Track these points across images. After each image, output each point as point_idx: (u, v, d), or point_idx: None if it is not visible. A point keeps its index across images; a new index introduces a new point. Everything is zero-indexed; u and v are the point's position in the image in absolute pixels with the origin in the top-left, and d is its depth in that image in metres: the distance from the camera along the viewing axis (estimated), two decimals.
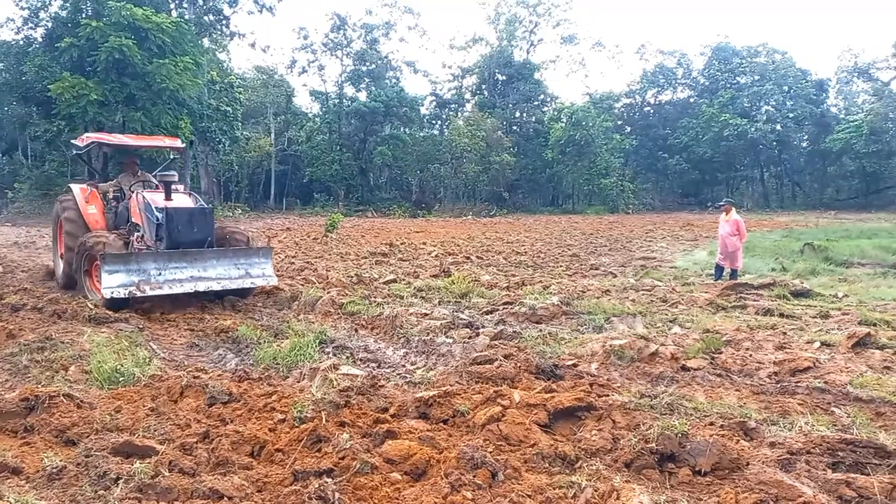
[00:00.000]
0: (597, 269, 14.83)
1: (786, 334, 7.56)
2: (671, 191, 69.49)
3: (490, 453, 3.72)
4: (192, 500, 3.28)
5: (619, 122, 69.00)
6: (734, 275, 12.33)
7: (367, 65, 57.74)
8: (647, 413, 4.53)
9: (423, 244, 21.66)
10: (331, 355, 6.59)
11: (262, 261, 9.25)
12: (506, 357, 5.99)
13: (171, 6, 37.26)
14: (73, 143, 10.77)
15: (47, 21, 34.13)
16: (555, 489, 3.41)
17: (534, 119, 64.21)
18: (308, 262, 15.03)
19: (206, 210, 9.35)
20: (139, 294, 7.99)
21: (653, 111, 72.37)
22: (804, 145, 66.56)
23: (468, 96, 66.79)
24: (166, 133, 28.37)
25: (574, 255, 18.20)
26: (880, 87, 59.79)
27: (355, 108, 54.02)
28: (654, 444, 3.78)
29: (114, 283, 7.87)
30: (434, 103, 66.10)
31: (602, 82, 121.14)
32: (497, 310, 8.88)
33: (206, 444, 3.96)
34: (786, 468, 3.67)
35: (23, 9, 33.78)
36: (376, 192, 57.50)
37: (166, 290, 8.23)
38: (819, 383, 5.44)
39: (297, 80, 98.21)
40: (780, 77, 61.45)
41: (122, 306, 8.22)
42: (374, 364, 6.42)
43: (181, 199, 9.57)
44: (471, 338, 7.16)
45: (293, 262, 15.00)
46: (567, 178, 59.27)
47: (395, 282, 11.66)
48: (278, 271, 11.22)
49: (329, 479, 3.42)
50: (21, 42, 34.19)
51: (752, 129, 57.84)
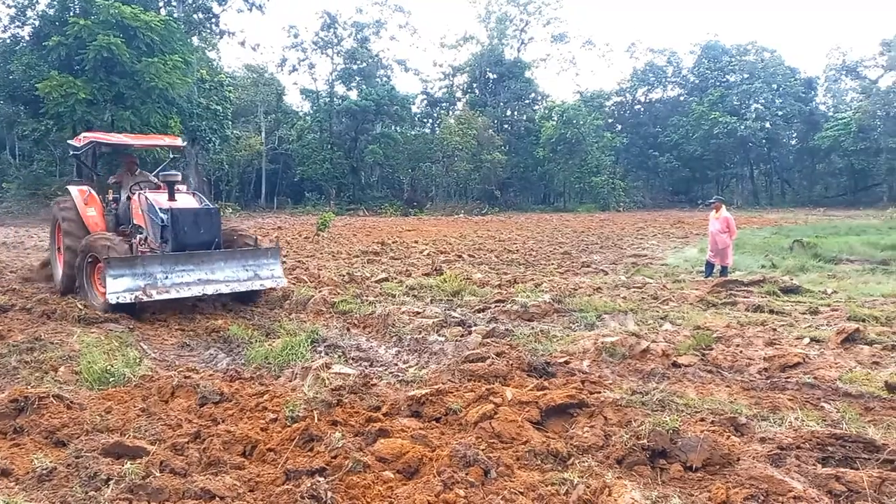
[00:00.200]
0: (588, 266, 14.87)
1: (776, 330, 7.62)
2: (662, 188, 69.74)
3: (482, 451, 3.72)
4: (184, 500, 3.27)
5: (610, 121, 69.24)
6: (724, 272, 12.40)
7: (358, 63, 57.60)
8: (638, 409, 4.55)
9: (415, 243, 21.64)
10: (323, 354, 6.58)
11: (270, 261, 8.93)
12: (498, 355, 6.00)
13: (160, 4, 37.01)
14: (70, 143, 10.25)
15: (34, 19, 33.84)
16: (547, 486, 3.42)
17: (525, 117, 64.27)
18: (299, 262, 14.99)
19: (212, 210, 9.02)
20: (145, 299, 7.65)
21: (643, 109, 72.62)
22: (793, 143, 67.01)
23: (459, 95, 66.78)
24: (156, 132, 28.19)
25: (565, 253, 18.24)
26: (868, 84, 60.20)
27: (346, 107, 53.89)
28: (645, 441, 3.80)
29: (119, 287, 7.57)
30: (425, 102, 66.06)
31: (593, 81, 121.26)
32: (489, 308, 8.90)
33: (198, 444, 3.95)
34: (776, 463, 3.70)
35: (9, 7, 33.51)
36: (368, 190, 57.38)
37: (173, 294, 7.90)
38: (809, 379, 5.49)
39: (288, 79, 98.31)
40: (769, 75, 61.81)
41: (127, 311, 7.89)
42: (366, 363, 6.42)
43: (185, 199, 9.25)
44: (463, 336, 7.18)
45: (285, 262, 14.87)
46: (558, 177, 59.43)
47: (386, 280, 11.66)
48: None
49: (321, 479, 3.42)
50: (8, 40, 33.86)
51: (742, 127, 58.16)
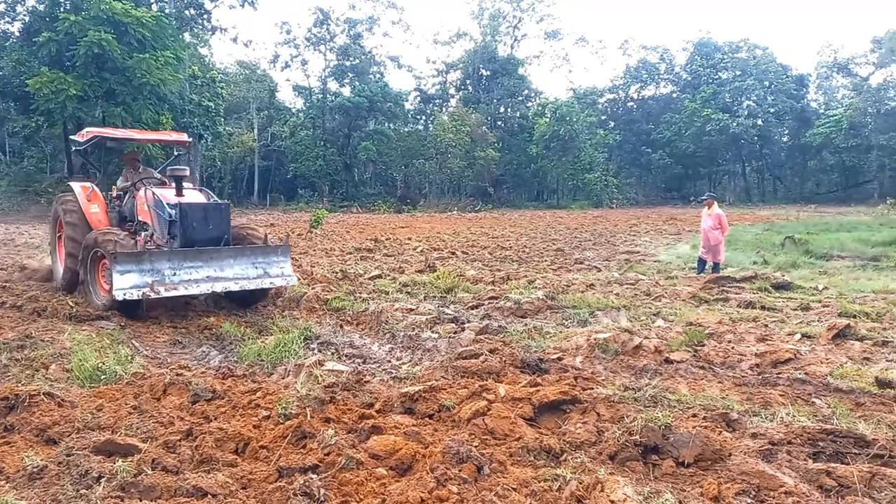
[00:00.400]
0: (581, 263, 14.90)
1: (767, 326, 7.66)
2: (654, 185, 69.99)
3: (475, 447, 3.72)
4: (176, 498, 3.26)
5: (603, 118, 69.38)
6: (716, 268, 12.45)
7: (351, 60, 57.47)
8: (630, 405, 4.56)
9: (409, 239, 21.62)
10: (316, 351, 6.57)
11: (280, 259, 8.68)
12: (491, 351, 6.01)
13: (151, 0, 36.76)
14: (73, 138, 9.98)
15: (24, 15, 33.54)
16: (540, 482, 3.43)
17: (518, 114, 64.31)
18: (292, 259, 14.91)
19: (221, 206, 8.76)
20: (153, 296, 7.37)
21: (636, 106, 72.81)
22: (785, 140, 67.34)
23: (452, 91, 66.79)
24: (148, 129, 28.02)
25: (559, 250, 18.27)
26: (859, 82, 60.56)
27: (339, 104, 53.76)
28: (637, 437, 3.81)
29: (126, 284, 7.26)
30: (418, 98, 66.02)
31: (586, 77, 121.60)
32: (482, 304, 8.90)
33: (190, 442, 3.93)
34: (767, 459, 3.72)
35: None
36: (361, 187, 57.31)
37: (181, 290, 7.64)
38: (800, 374, 5.52)
39: (280, 75, 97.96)
40: (761, 72, 62.08)
41: (133, 309, 7.70)
42: (359, 360, 6.41)
43: (193, 194, 9.02)
44: (456, 333, 7.18)
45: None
46: (551, 173, 59.52)
47: (380, 277, 11.65)
48: None
49: (314, 476, 3.41)
50: None
51: (734, 124, 58.42)
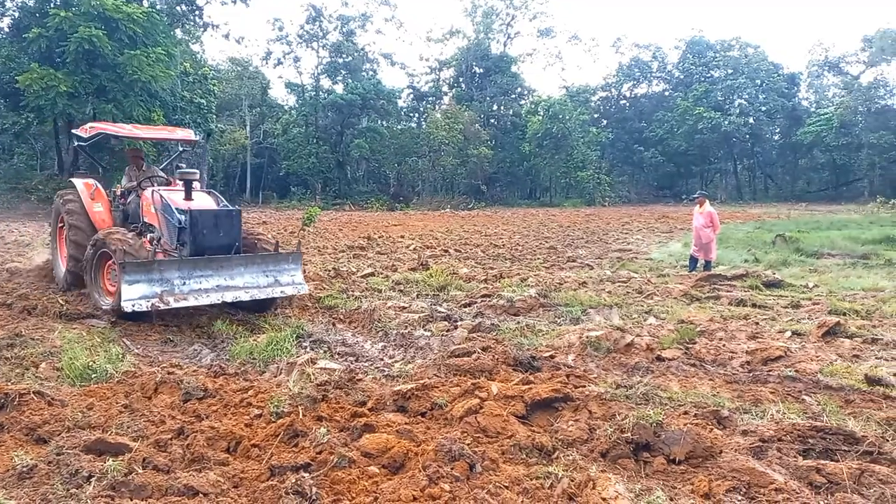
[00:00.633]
0: (574, 261, 14.94)
1: (758, 324, 7.70)
2: (647, 183, 70.20)
3: (468, 445, 3.73)
4: (167, 497, 3.24)
5: (596, 116, 69.52)
6: (708, 266, 12.50)
7: (344, 57, 57.27)
8: (622, 403, 4.58)
9: (401, 237, 21.61)
10: (308, 349, 6.56)
11: (291, 267, 8.43)
12: (484, 349, 6.01)
13: None
14: (75, 133, 9.70)
15: (14, 10, 33.31)
16: (532, 480, 3.44)
17: (511, 112, 64.32)
18: None
19: (232, 212, 8.42)
20: (162, 306, 7.13)
21: (628, 104, 72.99)
22: (776, 138, 67.66)
23: (445, 89, 66.70)
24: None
25: (551, 248, 18.30)
26: (850, 80, 60.93)
27: (332, 101, 53.59)
28: (629, 434, 3.83)
29: (134, 294, 6.98)
30: (411, 96, 65.91)
31: (579, 75, 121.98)
32: (475, 302, 8.91)
33: (181, 441, 3.91)
34: (758, 456, 3.74)
35: None
36: (354, 185, 57.15)
37: (191, 301, 7.36)
38: (790, 372, 5.56)
39: (273, 72, 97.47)
40: (753, 71, 62.33)
41: (140, 318, 7.43)
42: (351, 358, 6.40)
43: (203, 198, 8.67)
44: (449, 330, 7.19)
45: None
46: (544, 171, 59.59)
47: (372, 275, 11.64)
48: None
49: (306, 474, 3.41)
50: None
51: (726, 123, 58.64)
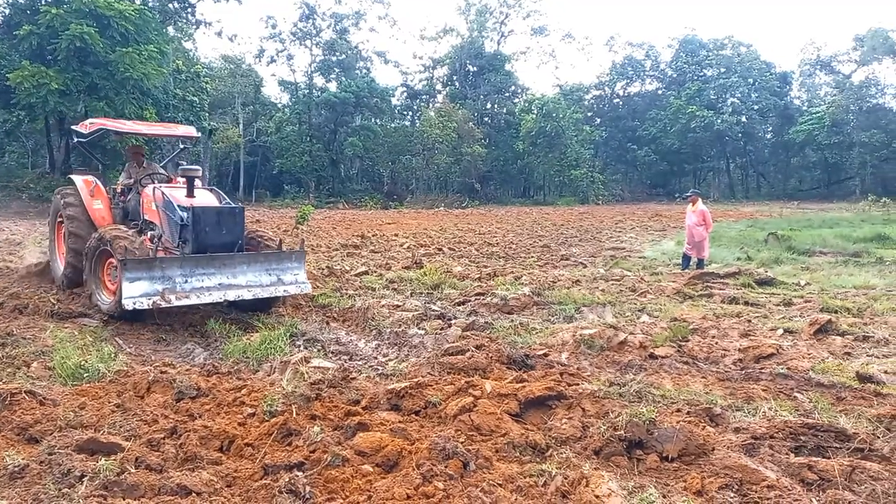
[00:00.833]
0: (567, 259, 14.96)
1: (750, 322, 7.74)
2: (640, 182, 70.43)
3: (462, 443, 3.73)
4: (160, 496, 3.23)
5: (589, 114, 69.71)
6: (701, 264, 12.55)
7: (337, 55, 57.20)
8: (616, 401, 4.59)
9: (395, 236, 21.59)
10: (302, 348, 6.54)
11: (294, 266, 8.23)
12: (477, 348, 6.01)
13: None
14: (74, 129, 9.59)
15: (5, 7, 33.06)
16: (526, 478, 3.44)
17: (505, 110, 64.40)
18: None
19: (236, 210, 8.29)
20: (164, 305, 7.02)
21: (622, 103, 73.18)
22: (768, 137, 68.03)
23: (439, 87, 66.76)
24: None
25: (545, 246, 18.33)
26: (842, 79, 61.33)
27: (325, 99, 53.50)
28: (622, 432, 3.84)
29: (135, 292, 6.87)
30: (405, 94, 65.89)
31: (572, 74, 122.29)
32: (469, 301, 8.92)
33: (174, 440, 3.90)
34: (750, 453, 3.75)
35: None
36: (347, 183, 57.09)
37: (193, 299, 7.26)
38: (782, 369, 5.58)
39: (266, 70, 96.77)
40: (746, 69, 62.61)
41: (138, 317, 7.38)
42: (345, 356, 6.39)
43: (204, 196, 8.59)
44: (443, 329, 7.19)
45: None
46: (538, 170, 59.69)
47: (366, 274, 11.62)
48: None
49: (300, 473, 3.40)
50: None
51: (719, 121, 58.88)
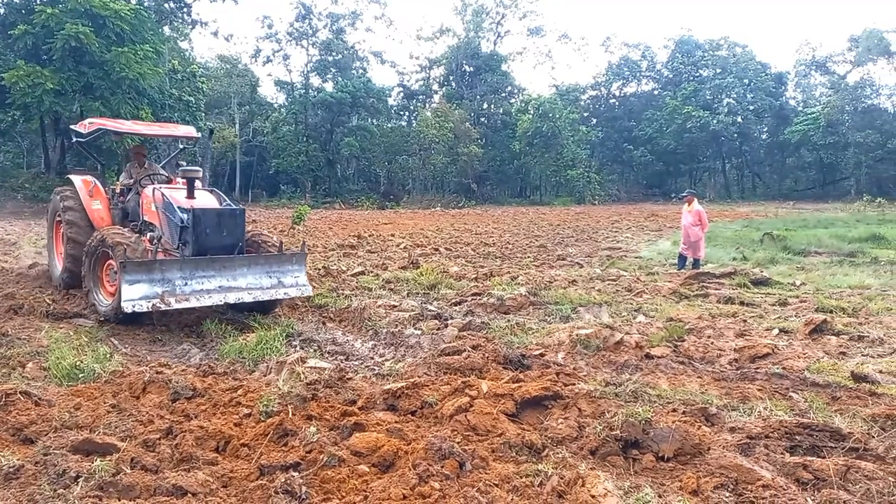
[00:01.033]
0: (563, 259, 14.98)
1: (746, 322, 7.76)
2: (636, 182, 70.51)
3: (458, 444, 3.73)
4: (155, 497, 3.23)
5: (586, 114, 69.75)
6: (696, 264, 12.58)
7: (334, 55, 57.09)
8: (612, 401, 4.60)
9: (392, 236, 21.58)
10: (298, 348, 6.54)
11: (295, 268, 8.17)
12: (474, 348, 6.02)
13: None
14: (73, 128, 9.54)
15: (0, 7, 32.94)
16: (522, 478, 3.45)
17: (501, 111, 64.42)
18: None
19: (236, 212, 8.18)
20: (163, 307, 6.94)
21: (618, 103, 73.28)
22: (764, 137, 68.15)
23: (436, 87, 66.69)
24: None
25: (541, 246, 18.35)
26: (837, 80, 61.47)
27: (322, 99, 53.42)
28: (618, 432, 3.85)
29: (135, 294, 6.79)
30: (401, 94, 65.85)
31: (568, 74, 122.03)
32: (465, 301, 8.92)
33: (170, 441, 3.89)
34: (745, 452, 3.77)
35: None
36: (344, 183, 57.04)
37: (193, 302, 7.21)
38: (777, 369, 5.60)
39: (262, 70, 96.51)
40: (741, 70, 62.73)
41: (136, 320, 7.29)
42: (341, 357, 6.39)
43: (205, 197, 8.46)
44: (439, 329, 7.19)
45: None
46: (534, 170, 59.74)
47: (363, 274, 11.61)
48: None
49: (296, 473, 3.40)
50: None
51: (714, 122, 58.99)
